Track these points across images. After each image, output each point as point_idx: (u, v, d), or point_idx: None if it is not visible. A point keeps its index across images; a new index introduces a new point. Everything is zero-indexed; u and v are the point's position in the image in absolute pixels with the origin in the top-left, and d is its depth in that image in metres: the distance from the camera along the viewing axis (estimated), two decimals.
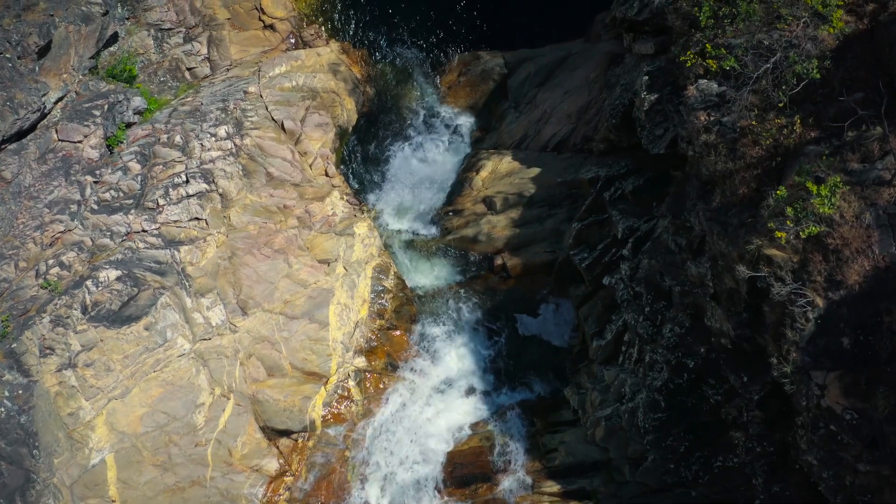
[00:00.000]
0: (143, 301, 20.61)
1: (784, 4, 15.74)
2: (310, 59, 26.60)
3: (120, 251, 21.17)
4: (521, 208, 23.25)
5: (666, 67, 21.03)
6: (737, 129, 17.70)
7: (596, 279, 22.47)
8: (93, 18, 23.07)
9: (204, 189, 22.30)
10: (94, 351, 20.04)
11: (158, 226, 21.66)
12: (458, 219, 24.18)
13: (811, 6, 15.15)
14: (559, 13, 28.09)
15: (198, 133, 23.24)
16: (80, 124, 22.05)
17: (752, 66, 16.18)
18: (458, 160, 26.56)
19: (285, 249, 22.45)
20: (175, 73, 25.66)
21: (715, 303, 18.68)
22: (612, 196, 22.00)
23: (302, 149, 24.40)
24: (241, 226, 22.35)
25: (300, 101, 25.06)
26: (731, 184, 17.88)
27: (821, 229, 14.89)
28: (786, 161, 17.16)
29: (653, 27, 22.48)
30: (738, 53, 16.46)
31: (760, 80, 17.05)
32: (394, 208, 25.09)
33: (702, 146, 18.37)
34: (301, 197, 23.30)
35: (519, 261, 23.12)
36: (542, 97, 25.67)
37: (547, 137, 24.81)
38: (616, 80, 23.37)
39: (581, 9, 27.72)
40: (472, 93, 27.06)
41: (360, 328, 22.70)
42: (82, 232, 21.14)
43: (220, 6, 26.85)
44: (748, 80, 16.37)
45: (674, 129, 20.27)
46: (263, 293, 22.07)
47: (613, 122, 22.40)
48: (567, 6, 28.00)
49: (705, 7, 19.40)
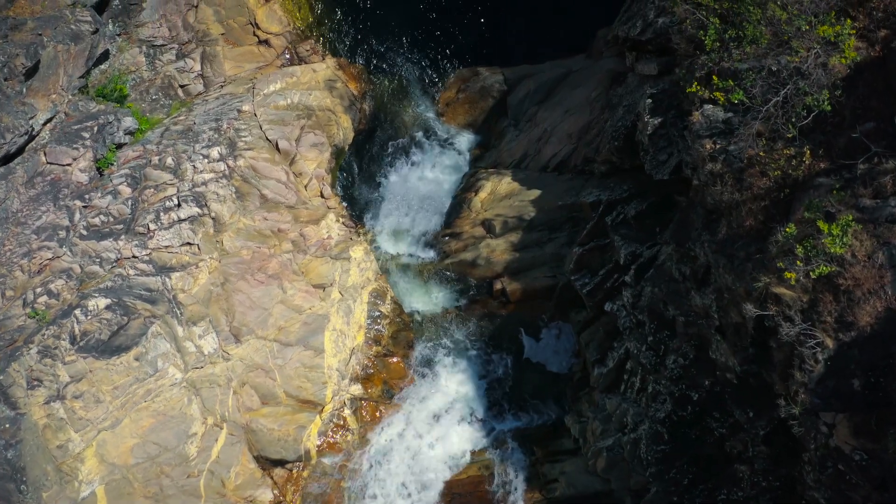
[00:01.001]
0: (134, 330, 20.10)
1: (795, 36, 15.15)
2: (305, 75, 26.03)
3: (109, 278, 20.65)
4: (521, 232, 22.73)
5: (670, 90, 20.49)
6: (743, 158, 17.19)
7: (597, 305, 21.96)
8: (82, 37, 22.49)
9: (196, 213, 21.76)
10: (83, 382, 19.52)
11: (149, 251, 21.13)
12: (457, 242, 23.64)
13: (825, 38, 14.59)
14: (560, 28, 27.49)
15: (190, 154, 22.69)
16: (68, 147, 21.51)
17: (761, 98, 15.62)
18: (457, 178, 26.01)
19: (279, 274, 21.94)
20: (167, 91, 25.09)
21: (720, 336, 18.18)
22: (614, 221, 21.47)
23: (297, 169, 23.86)
24: (234, 251, 21.82)
25: (295, 120, 24.50)
26: (737, 215, 17.38)
27: (832, 269, 14.39)
28: (794, 193, 16.64)
29: (656, 47, 21.93)
30: (747, 85, 15.90)
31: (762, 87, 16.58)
32: (391, 231, 24.55)
33: (707, 175, 17.86)
34: (296, 220, 22.77)
35: (519, 285, 22.61)
36: (543, 115, 25.12)
37: (547, 157, 24.27)
38: (618, 101, 22.82)
39: (582, 24, 27.14)
40: (470, 110, 26.49)
41: (357, 355, 22.21)
42: (71, 259, 20.61)
43: (214, 21, 26.26)
44: (756, 112, 15.83)
45: (678, 155, 19.74)
46: (257, 320, 21.57)
47: (616, 145, 21.86)
48: (568, 21, 27.40)
49: (711, 30, 18.86)
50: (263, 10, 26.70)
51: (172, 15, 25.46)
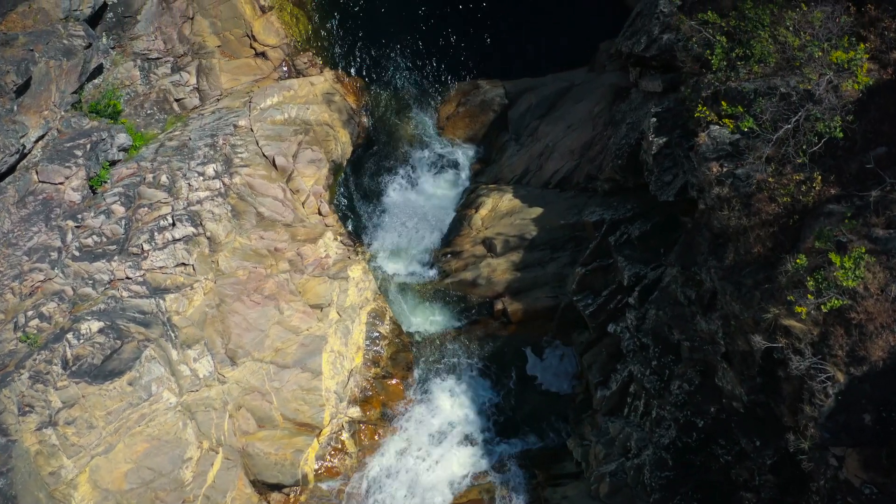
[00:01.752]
0: (127, 354, 19.69)
1: (806, 62, 14.70)
2: (303, 88, 25.57)
3: (102, 301, 20.24)
4: (523, 251, 22.30)
5: (675, 109, 20.05)
6: (752, 182, 16.75)
7: (600, 326, 21.55)
8: (75, 52, 22.03)
9: (191, 233, 21.34)
10: (75, 408, 19.13)
11: (143, 272, 20.71)
12: (457, 261, 23.20)
13: (838, 64, 14.13)
14: (561, 40, 27.01)
15: (185, 172, 22.26)
16: (61, 165, 21.08)
17: (771, 125, 15.19)
18: (457, 193, 25.57)
19: (276, 295, 21.52)
20: (162, 105, 24.63)
21: (726, 364, 17.77)
22: (618, 241, 21.06)
23: (294, 186, 23.42)
24: (229, 271, 21.40)
25: (292, 135, 24.05)
26: (744, 241, 16.94)
27: (844, 303, 13.99)
28: (804, 220, 16.20)
29: (660, 63, 21.49)
30: (757, 111, 15.46)
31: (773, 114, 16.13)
32: (390, 249, 24.08)
33: (714, 199, 17.42)
34: (293, 238, 22.35)
35: (520, 306, 22.19)
36: (544, 130, 24.66)
37: (549, 173, 23.82)
38: (622, 118, 22.38)
39: (584, 36, 26.68)
40: (471, 123, 26.01)
41: (355, 377, 21.80)
42: (63, 281, 20.19)
43: (210, 33, 25.79)
44: (767, 139, 15.39)
45: (683, 176, 19.31)
46: (253, 341, 21.16)
47: (619, 163, 21.44)
48: (569, 33, 26.93)
49: (718, 49, 18.43)
50: (260, 21, 26.21)
51: (168, 27, 24.99)
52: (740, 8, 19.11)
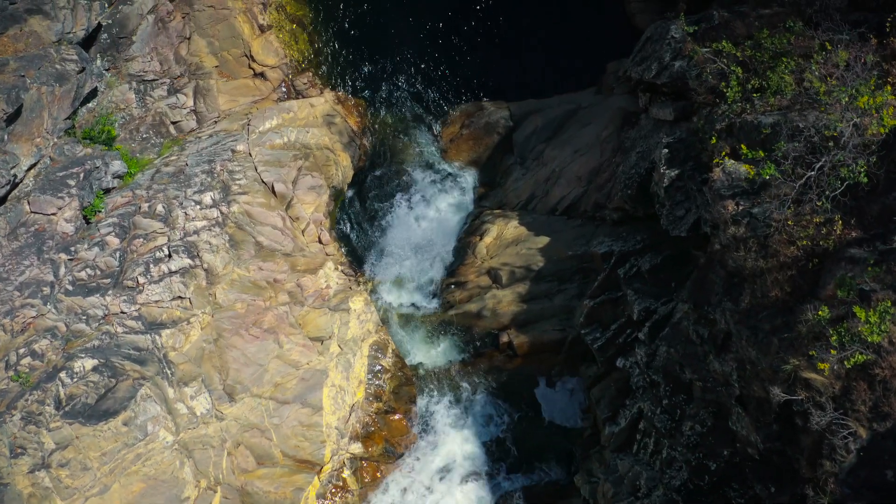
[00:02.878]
0: (122, 393, 19.09)
1: (832, 107, 14.04)
2: (303, 110, 24.92)
3: (97, 337, 19.63)
4: (529, 282, 21.68)
5: (687, 140, 19.42)
6: (769, 222, 16.16)
7: (609, 360, 20.97)
8: (68, 77, 21.37)
9: (188, 265, 20.73)
10: (69, 450, 18.53)
11: (138, 307, 20.10)
12: (461, 292, 22.57)
13: (864, 109, 13.48)
14: (567, 60, 26.30)
15: (181, 200, 21.63)
16: (53, 196, 20.45)
17: (792, 170, 14.56)
18: (461, 218, 24.92)
19: (275, 328, 20.92)
20: (158, 129, 23.97)
21: (741, 408, 17.19)
22: (627, 273, 20.45)
23: (294, 213, 22.79)
24: (227, 304, 20.80)
25: (292, 160, 23.41)
26: (761, 284, 16.35)
27: (868, 358, 13.42)
28: (824, 263, 15.62)
29: (672, 90, 20.86)
30: (778, 156, 14.82)
31: (793, 158, 15.51)
32: (392, 279, 23.43)
33: (729, 239, 16.82)
34: (292, 269, 21.73)
35: (526, 338, 21.58)
36: (551, 154, 24.00)
37: (555, 200, 23.17)
38: (631, 145, 21.75)
39: (591, 56, 25.99)
40: (475, 146, 25.33)
41: (356, 412, 21.22)
42: (56, 316, 19.58)
43: (208, 53, 25.11)
44: (791, 185, 14.75)
45: (696, 211, 18.69)
46: (252, 377, 20.56)
47: (629, 193, 20.82)
48: (576, 53, 26.22)
49: (733, 81, 17.81)
50: (259, 41, 25.53)
51: (164, 48, 24.32)
52: (756, 37, 18.49)
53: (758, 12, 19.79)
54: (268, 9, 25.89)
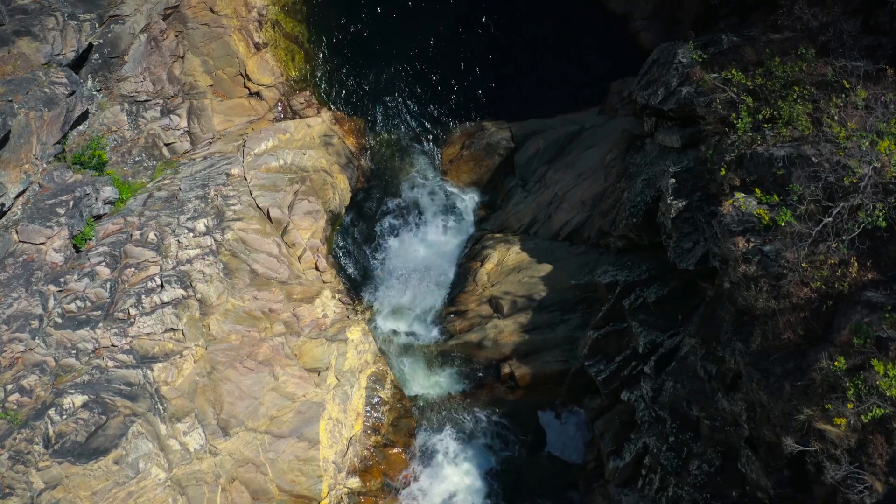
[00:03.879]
0: (113, 430, 18.54)
1: (851, 153, 13.43)
2: (299, 131, 24.32)
3: (86, 371, 19.07)
4: (531, 312, 21.12)
5: (695, 169, 18.83)
6: (781, 261, 15.61)
7: (613, 393, 20.41)
8: (57, 101, 20.77)
9: (180, 295, 20.16)
10: (58, 489, 17.97)
11: (130, 340, 19.54)
12: (462, 321, 22.00)
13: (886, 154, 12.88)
14: (570, 78, 25.67)
15: (174, 227, 21.05)
16: (42, 225, 19.86)
17: (808, 215, 13.98)
18: (461, 241, 24.34)
19: (271, 360, 20.35)
20: (151, 151, 23.38)
21: (751, 450, 16.65)
22: (633, 305, 19.89)
23: (290, 240, 22.22)
24: (221, 336, 20.24)
25: (288, 184, 22.82)
26: (773, 325, 15.78)
27: (886, 412, 12.89)
28: (838, 305, 15.09)
29: (679, 115, 20.29)
30: (794, 200, 14.25)
31: (809, 203, 14.94)
32: (391, 308, 22.85)
33: (740, 277, 16.27)
34: (288, 298, 21.16)
35: (528, 370, 21.03)
36: (553, 177, 23.41)
37: (558, 225, 22.60)
38: (636, 171, 21.16)
39: (594, 74, 25.39)
40: (475, 168, 24.71)
41: (354, 445, 20.67)
42: (45, 351, 19.02)
43: (202, 72, 24.50)
44: (807, 233, 14.16)
45: (705, 244, 18.11)
46: (247, 410, 20.00)
47: (634, 222, 20.25)
48: (579, 71, 25.60)
49: (744, 112, 17.23)
50: (254, 59, 24.90)
51: (157, 67, 23.70)
52: (767, 65, 17.91)
53: (768, 37, 19.21)
54: (263, 26, 25.26)
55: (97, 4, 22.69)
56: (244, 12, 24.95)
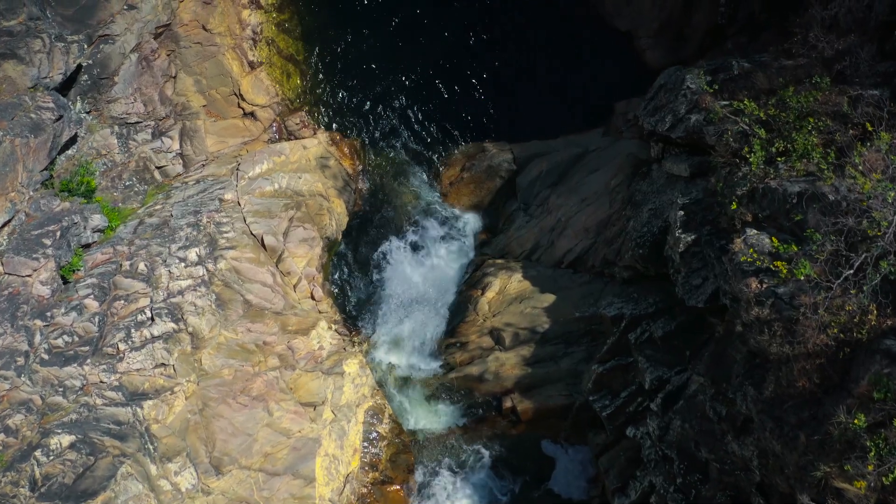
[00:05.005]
0: (101, 472, 17.89)
1: (875, 204, 12.76)
2: (295, 153, 23.64)
3: (74, 410, 18.43)
4: (534, 345, 20.47)
5: (704, 201, 18.14)
6: (796, 304, 14.96)
7: (618, 428, 19.79)
8: (43, 127, 20.09)
9: (171, 329, 19.51)
10: None
11: (119, 376, 18.89)
12: (462, 353, 21.35)
13: None
14: (574, 98, 24.95)
15: (165, 257, 20.39)
16: (28, 257, 19.20)
17: (828, 269, 13.32)
18: (462, 265, 23.68)
19: (265, 395, 19.72)
20: (142, 175, 22.70)
21: (762, 498, 16.04)
22: (639, 339, 19.25)
23: (285, 268, 21.55)
24: (213, 371, 19.60)
25: (283, 210, 22.14)
26: (787, 372, 15.14)
27: None
28: (856, 353, 14.46)
29: (687, 142, 19.60)
30: (813, 249, 13.59)
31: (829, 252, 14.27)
32: (389, 338, 22.15)
33: (753, 320, 15.62)
34: (283, 329, 20.52)
35: (531, 404, 20.39)
36: (556, 202, 22.72)
37: (562, 252, 21.93)
38: (642, 198, 20.48)
39: (598, 93, 24.67)
40: (476, 190, 24.03)
41: (351, 483, 20.05)
42: (31, 389, 18.38)
43: (195, 92, 23.79)
44: (828, 283, 13.51)
45: (715, 281, 17.44)
46: (240, 447, 19.36)
47: (641, 253, 19.58)
48: (582, 90, 24.89)
49: (757, 147, 16.54)
50: (249, 79, 24.19)
51: (148, 88, 23.00)
52: (781, 95, 17.21)
53: (780, 63, 18.52)
54: (258, 44, 24.55)
55: (86, 24, 21.98)
56: (238, 30, 24.25)
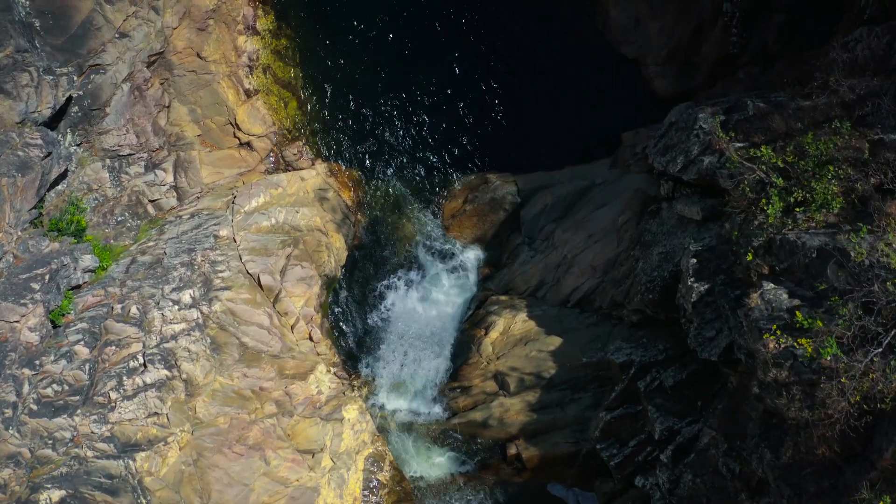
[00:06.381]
0: None
1: None
2: (292, 185, 22.93)
3: (64, 463, 17.78)
4: (539, 390, 19.84)
5: (718, 248, 17.48)
6: (816, 368, 14.34)
7: (626, 477, 19.20)
8: (31, 165, 19.37)
9: (164, 376, 18.85)
10: None
11: (110, 426, 18.23)
12: (466, 398, 20.71)
13: None
14: (580, 127, 24.21)
15: (158, 300, 19.71)
16: (15, 303, 18.50)
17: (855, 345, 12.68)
18: (464, 300, 23.00)
19: (262, 444, 19.08)
20: (135, 210, 21.99)
21: None
22: (648, 387, 18.62)
23: (282, 308, 20.89)
24: (208, 419, 18.95)
25: (280, 247, 21.44)
26: (806, 438, 14.56)
27: None
28: (879, 423, 13.84)
29: (699, 183, 18.92)
30: (839, 325, 12.94)
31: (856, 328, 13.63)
32: (390, 382, 21.53)
33: (770, 382, 15.00)
34: (280, 374, 19.87)
35: (536, 451, 19.77)
36: (562, 237, 22.04)
37: (567, 290, 21.28)
38: (652, 239, 19.81)
39: (605, 122, 23.95)
40: (479, 223, 23.33)
41: None
42: (19, 442, 17.71)
43: (189, 121, 23.05)
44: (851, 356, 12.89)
45: (729, 334, 16.77)
46: (237, 498, 18.72)
47: (650, 297, 18.93)
48: (589, 119, 24.15)
49: (774, 198, 15.87)
50: (245, 108, 23.44)
51: (141, 118, 22.25)
52: (799, 141, 16.53)
53: (797, 103, 17.81)
54: (254, 72, 23.80)
55: (76, 53, 21.21)
56: (234, 57, 23.49)
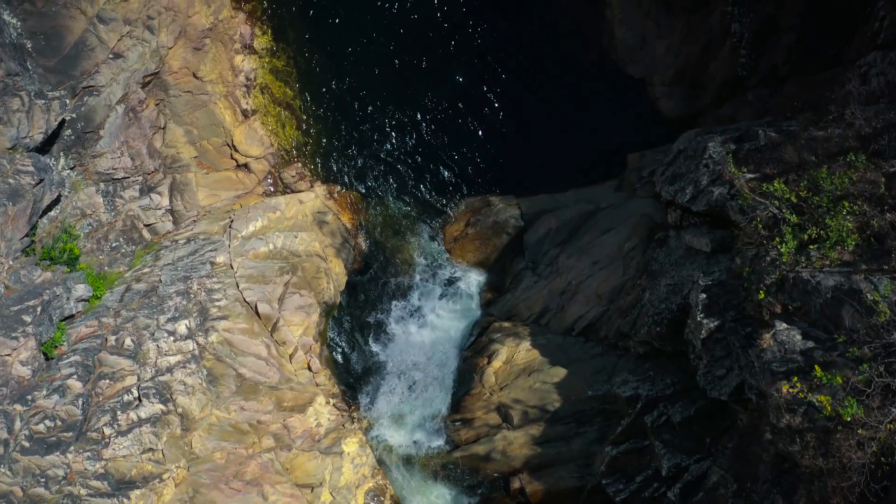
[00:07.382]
0: None
1: None
2: (291, 208, 22.43)
3: (57, 501, 17.31)
4: (543, 423, 19.38)
5: (728, 283, 16.99)
6: (831, 415, 13.90)
7: None
8: (23, 193, 18.88)
9: (160, 411, 18.39)
10: None
11: (104, 463, 17.78)
12: (468, 430, 20.25)
13: None
14: (584, 148, 23.70)
15: (153, 331, 19.24)
16: (6, 337, 18.02)
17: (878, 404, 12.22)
18: (467, 325, 22.55)
19: (259, 479, 18.63)
20: (130, 235, 21.50)
21: None
22: (655, 423, 18.16)
23: (280, 337, 20.41)
24: (205, 454, 18.49)
25: (278, 275, 20.97)
26: (820, 487, 14.15)
27: None
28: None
29: (709, 214, 18.44)
30: (859, 381, 12.49)
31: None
32: (390, 413, 21.07)
33: (784, 428, 14.56)
34: (278, 406, 19.40)
35: (540, 485, 19.33)
36: (566, 263, 21.57)
37: (572, 318, 20.81)
38: (659, 269, 19.33)
39: (610, 142, 23.44)
40: (481, 247, 22.86)
41: None
42: (11, 480, 17.25)
43: (186, 143, 22.55)
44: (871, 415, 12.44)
45: (740, 373, 16.30)
46: None
47: (658, 330, 18.46)
48: (594, 140, 23.64)
49: (788, 236, 15.39)
50: (242, 129, 22.93)
51: (135, 140, 21.76)
52: (813, 176, 16.04)
53: (810, 133, 17.30)
54: (251, 92, 23.28)
55: (69, 75, 20.71)
56: (231, 77, 22.97)
